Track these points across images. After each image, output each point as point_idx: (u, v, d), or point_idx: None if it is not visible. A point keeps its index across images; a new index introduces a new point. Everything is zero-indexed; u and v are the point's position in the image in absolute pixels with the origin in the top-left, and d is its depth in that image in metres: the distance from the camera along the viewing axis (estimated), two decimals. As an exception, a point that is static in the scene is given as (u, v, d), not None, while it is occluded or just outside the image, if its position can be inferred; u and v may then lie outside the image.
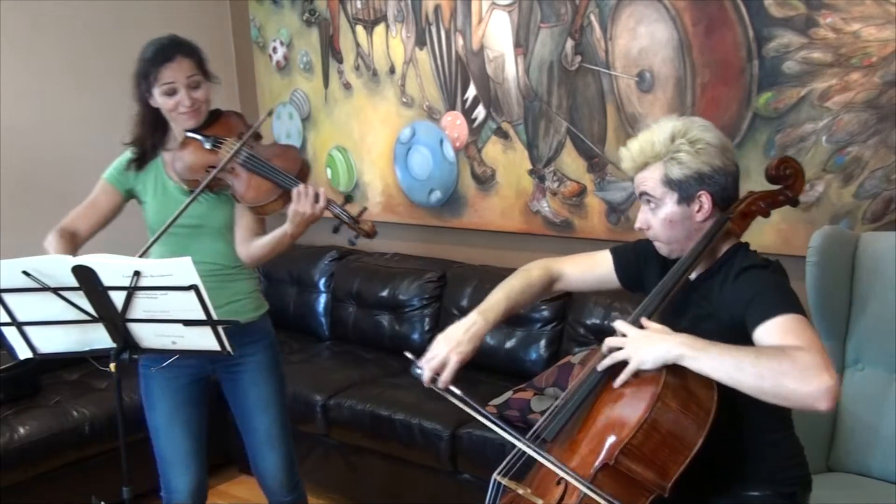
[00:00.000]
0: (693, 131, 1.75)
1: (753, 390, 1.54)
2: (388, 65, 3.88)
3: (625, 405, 1.67)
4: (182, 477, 2.45)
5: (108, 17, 3.95)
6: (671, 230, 1.80)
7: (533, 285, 2.00)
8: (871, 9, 2.63)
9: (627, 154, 1.82)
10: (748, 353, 1.57)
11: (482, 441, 2.90)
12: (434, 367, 1.85)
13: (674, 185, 1.75)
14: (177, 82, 2.27)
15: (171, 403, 2.42)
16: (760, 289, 1.67)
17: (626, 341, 1.68)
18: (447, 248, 3.89)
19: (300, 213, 2.24)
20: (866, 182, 2.75)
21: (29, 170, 3.74)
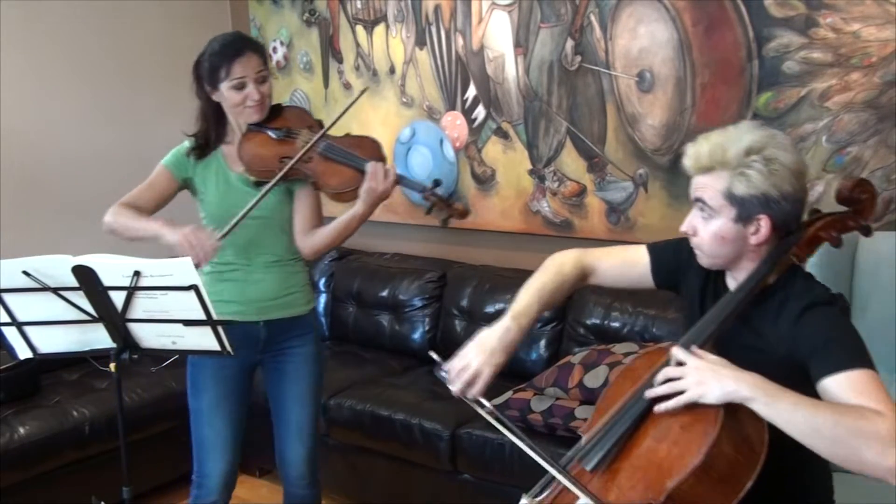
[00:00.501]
0: (770, 148, 1.59)
1: (824, 451, 1.44)
2: (388, 65, 3.88)
3: (675, 443, 1.54)
4: (217, 463, 2.49)
5: (108, 17, 3.95)
6: (719, 246, 1.66)
7: (566, 283, 1.86)
8: (871, 9, 2.64)
9: (694, 152, 1.65)
10: (825, 413, 1.44)
11: (482, 441, 2.90)
12: (466, 380, 1.71)
13: (735, 201, 1.60)
14: (246, 76, 2.33)
15: (217, 392, 2.45)
16: (831, 334, 1.54)
17: (687, 370, 1.54)
18: (447, 248, 3.89)
19: (373, 189, 2.32)
20: (866, 182, 2.74)
21: (29, 170, 3.74)
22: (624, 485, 1.57)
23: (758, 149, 1.59)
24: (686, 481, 1.48)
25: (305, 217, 2.46)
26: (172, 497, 3.46)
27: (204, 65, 2.37)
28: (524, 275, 3.59)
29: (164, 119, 4.10)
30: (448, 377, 1.74)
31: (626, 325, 3.09)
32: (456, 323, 3.55)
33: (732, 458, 1.50)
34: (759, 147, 1.59)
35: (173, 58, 4.14)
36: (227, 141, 2.45)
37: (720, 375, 1.50)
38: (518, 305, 1.79)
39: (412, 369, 3.54)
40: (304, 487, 2.60)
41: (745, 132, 1.61)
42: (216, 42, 2.38)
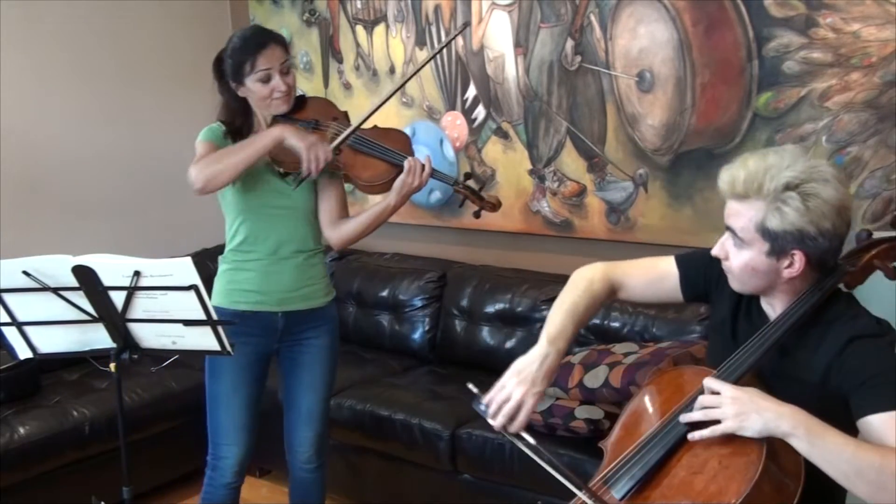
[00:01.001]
0: (811, 184, 1.50)
1: (864, 495, 1.39)
2: (388, 65, 3.88)
3: (713, 479, 1.47)
4: (232, 447, 2.52)
5: (108, 17, 3.95)
6: (750, 276, 1.60)
7: (597, 301, 1.79)
8: (871, 9, 2.64)
9: (730, 177, 1.56)
10: (871, 455, 1.39)
11: (482, 441, 2.90)
12: (509, 412, 1.62)
13: (768, 236, 1.53)
14: (272, 68, 2.35)
15: (236, 377, 2.48)
16: (875, 370, 1.48)
17: (725, 400, 1.48)
18: (447, 248, 3.89)
19: (409, 183, 2.38)
20: (866, 182, 2.75)
21: (29, 170, 3.74)
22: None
23: (796, 184, 1.51)
24: None
25: (333, 208, 2.51)
26: (172, 497, 3.46)
27: (227, 61, 2.39)
28: (524, 275, 3.62)
29: (164, 119, 4.11)
30: (488, 412, 1.64)
31: (626, 325, 3.09)
32: (456, 323, 3.55)
33: (770, 497, 1.45)
34: (799, 182, 1.51)
35: (173, 58, 4.15)
36: (255, 132, 2.47)
37: (760, 408, 1.46)
38: (553, 328, 1.72)
39: (412, 369, 3.54)
40: (310, 472, 2.64)
41: (788, 162, 1.53)
42: (237, 37, 2.40)
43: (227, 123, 2.45)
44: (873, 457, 1.39)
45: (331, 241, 2.53)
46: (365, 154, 2.42)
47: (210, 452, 2.56)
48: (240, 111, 2.44)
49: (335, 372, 2.64)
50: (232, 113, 2.45)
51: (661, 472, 1.54)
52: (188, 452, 3.31)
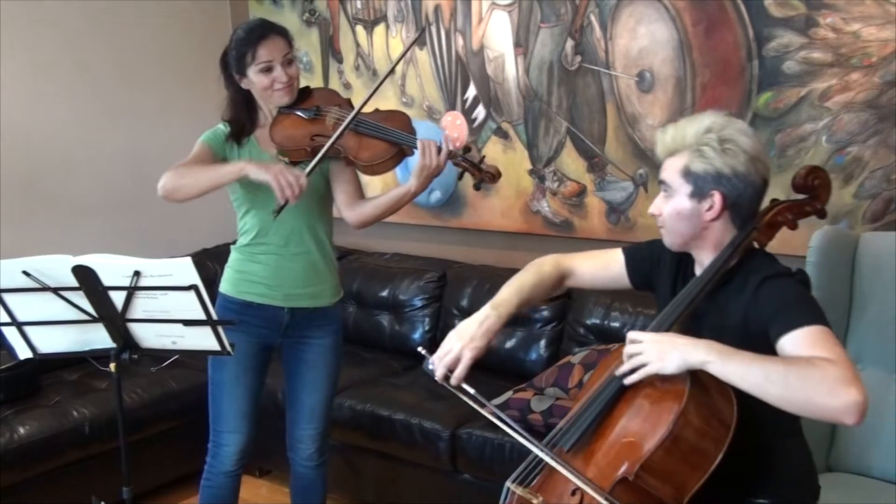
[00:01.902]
0: (728, 130, 1.70)
1: (779, 401, 1.51)
2: (387, 65, 3.88)
3: (645, 418, 1.62)
4: (233, 434, 2.53)
5: (108, 16, 3.95)
6: (678, 222, 1.76)
7: (544, 281, 1.96)
8: (871, 9, 2.64)
9: (661, 137, 1.77)
10: (776, 363, 1.53)
11: (482, 441, 2.90)
12: (448, 363, 1.80)
13: (690, 178, 1.71)
14: (273, 59, 2.37)
15: (239, 366, 2.48)
16: (784, 299, 1.63)
17: (645, 346, 1.63)
18: (447, 248, 3.89)
19: (427, 166, 2.35)
20: (866, 182, 2.75)
21: (29, 169, 3.74)
22: (601, 462, 1.65)
23: (717, 129, 1.70)
24: (656, 453, 1.56)
25: (348, 191, 2.51)
26: (172, 497, 3.46)
27: (231, 53, 2.41)
28: (524, 275, 3.59)
29: (164, 119, 4.11)
30: (433, 368, 1.82)
31: (626, 325, 3.08)
32: (456, 323, 3.50)
33: (701, 430, 1.57)
34: (718, 128, 1.70)
35: (173, 58, 4.15)
36: (260, 125, 2.47)
37: (676, 343, 1.60)
38: (498, 297, 1.90)
39: (412, 369, 3.54)
40: (311, 469, 2.65)
41: (707, 116, 1.73)
42: (241, 29, 2.42)
43: (232, 122, 2.46)
44: (779, 364, 1.53)
45: (350, 222, 2.52)
46: (364, 135, 2.42)
47: (211, 440, 2.57)
48: (243, 105, 2.45)
49: (339, 372, 2.65)
50: (236, 108, 2.46)
51: (605, 426, 1.69)
52: (188, 452, 3.30)
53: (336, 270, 2.60)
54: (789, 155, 2.87)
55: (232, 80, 2.43)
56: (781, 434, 1.75)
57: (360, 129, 2.41)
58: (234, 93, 2.45)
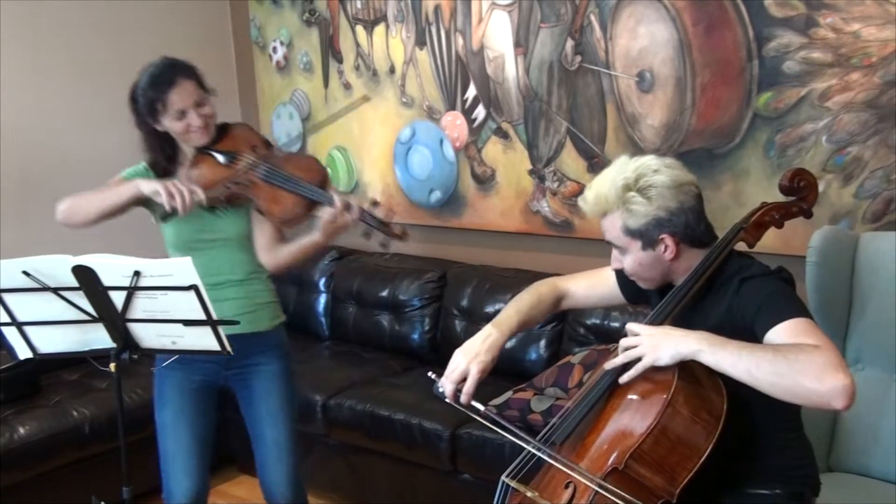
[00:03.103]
0: (644, 178, 1.75)
1: (770, 388, 1.54)
2: (388, 65, 3.88)
3: (635, 410, 1.66)
4: (182, 479, 2.43)
5: (108, 16, 3.95)
6: (644, 271, 1.82)
7: (542, 302, 2.03)
8: (871, 9, 2.64)
9: (585, 205, 1.83)
10: (766, 350, 1.57)
11: (482, 441, 2.90)
12: (455, 378, 1.85)
13: (635, 234, 1.77)
14: (186, 105, 2.28)
15: (180, 403, 2.43)
16: (765, 297, 1.67)
17: (641, 339, 1.67)
18: (447, 248, 3.89)
19: (332, 224, 2.28)
20: (866, 182, 2.75)
21: (29, 169, 3.74)
22: (593, 455, 1.68)
23: (633, 183, 1.74)
24: (645, 442, 1.59)
25: (266, 233, 2.43)
26: (172, 497, 3.46)
27: (139, 99, 2.31)
28: (524, 275, 3.63)
29: (164, 119, 4.10)
30: (443, 390, 1.86)
31: (625, 326, 3.08)
32: (456, 323, 3.55)
33: (690, 420, 1.61)
34: (634, 180, 1.75)
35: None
36: (181, 162, 2.39)
37: (670, 336, 1.64)
38: (499, 317, 1.97)
39: (412, 369, 3.54)
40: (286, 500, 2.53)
41: (619, 169, 1.78)
42: (146, 74, 2.31)
43: (152, 166, 2.39)
44: (768, 351, 1.57)
45: (266, 266, 2.45)
46: (276, 187, 2.31)
47: (163, 488, 2.48)
48: (159, 146, 2.37)
49: (293, 400, 2.54)
50: (153, 150, 2.37)
51: (597, 420, 1.73)
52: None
53: (272, 292, 2.51)
54: (789, 155, 2.87)
55: (144, 122, 2.33)
56: (781, 428, 1.77)
57: (272, 181, 2.31)
58: (148, 134, 2.36)
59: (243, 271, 2.42)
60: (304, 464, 3.42)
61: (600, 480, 1.61)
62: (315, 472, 3.43)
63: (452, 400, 1.85)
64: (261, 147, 2.41)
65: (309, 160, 2.47)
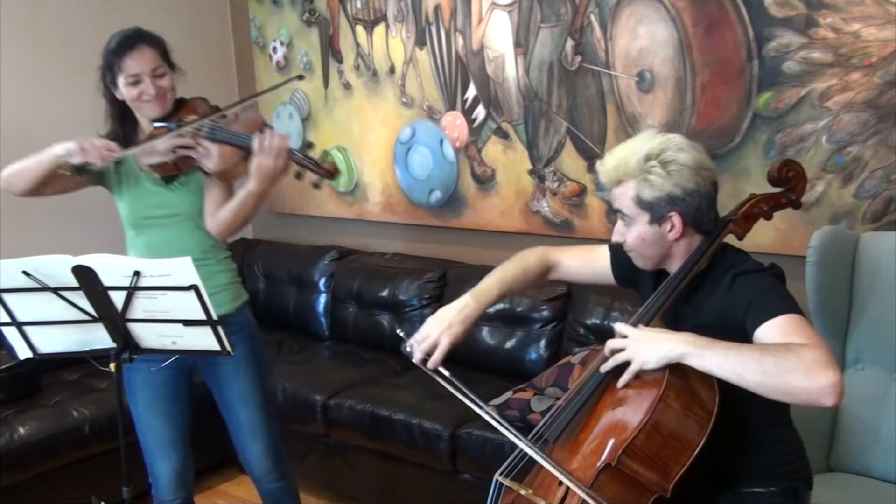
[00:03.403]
0: (668, 152, 1.73)
1: (758, 387, 1.54)
2: (388, 65, 3.88)
3: (627, 406, 1.66)
4: (164, 464, 2.47)
5: (108, 16, 3.94)
6: (645, 247, 1.81)
7: (528, 273, 2.00)
8: (871, 9, 2.63)
9: (603, 169, 1.81)
10: (753, 351, 1.57)
11: (482, 441, 2.90)
12: (425, 348, 1.87)
13: (645, 206, 1.75)
14: (142, 72, 2.28)
15: (151, 395, 2.43)
16: (757, 292, 1.68)
17: (628, 342, 1.68)
18: (447, 248, 3.89)
19: (263, 164, 2.22)
20: (866, 182, 2.74)
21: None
22: (585, 451, 1.68)
23: (656, 154, 1.73)
24: (637, 437, 1.60)
25: (213, 199, 2.39)
26: (172, 497, 3.46)
27: (103, 63, 2.32)
28: (524, 275, 3.58)
29: (164, 119, 4.10)
30: (412, 351, 1.88)
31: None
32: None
33: (681, 415, 1.61)
34: (657, 152, 1.73)
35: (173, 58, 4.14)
36: (139, 141, 2.38)
37: (655, 339, 1.65)
38: (479, 286, 1.94)
39: (412, 369, 3.50)
40: (273, 482, 2.58)
41: (643, 141, 1.76)
42: (113, 38, 2.34)
43: (110, 136, 2.36)
44: (755, 351, 1.57)
45: (211, 231, 2.41)
46: (220, 142, 2.28)
47: (148, 472, 2.51)
48: (119, 117, 2.36)
49: (264, 378, 2.54)
50: (113, 119, 2.37)
51: (589, 416, 1.73)
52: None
53: (232, 273, 2.50)
54: (789, 155, 2.86)
55: (106, 87, 2.34)
56: (770, 423, 1.78)
57: (213, 137, 2.28)
58: (110, 103, 2.36)
59: (200, 250, 2.38)
60: (304, 464, 3.44)
61: (587, 490, 1.61)
62: (315, 472, 3.43)
63: (420, 364, 1.88)
64: (209, 112, 2.38)
65: (254, 115, 2.45)
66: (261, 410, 2.52)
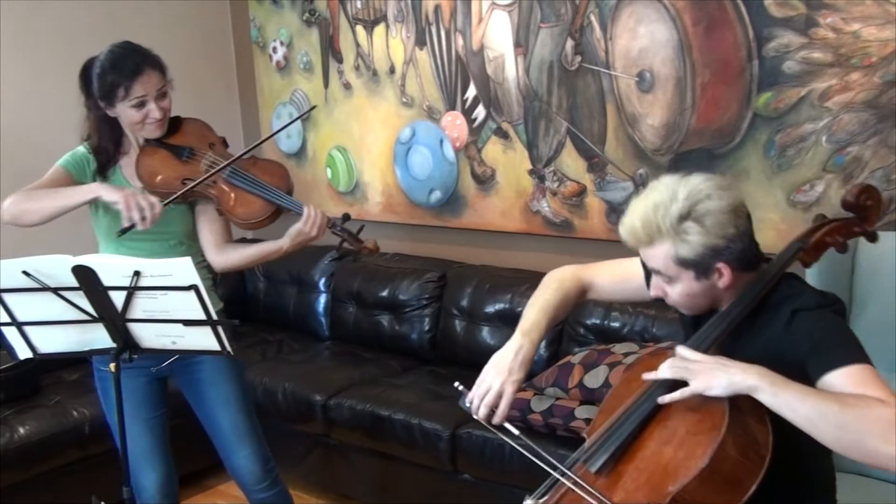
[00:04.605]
0: (699, 206, 1.59)
1: (830, 438, 1.44)
2: (388, 65, 3.88)
3: (680, 444, 1.54)
4: (148, 474, 2.41)
5: (107, 16, 3.94)
6: (692, 301, 1.68)
7: (569, 298, 1.89)
8: (871, 9, 2.64)
9: (629, 231, 1.65)
10: (831, 401, 1.44)
11: (482, 441, 2.90)
12: (490, 402, 1.72)
13: (689, 264, 1.61)
14: (147, 95, 2.25)
15: (130, 403, 2.32)
16: (822, 335, 1.55)
17: (693, 364, 1.54)
18: (447, 248, 3.89)
19: (305, 233, 2.25)
20: (866, 182, 2.75)
21: (29, 169, 3.72)
22: (629, 487, 1.57)
23: (686, 213, 1.59)
24: (690, 484, 1.48)
25: (216, 231, 2.39)
26: (172, 497, 3.46)
27: (97, 81, 2.26)
28: (524, 275, 3.62)
29: (164, 119, 4.10)
30: (472, 406, 1.74)
31: (626, 325, 3.09)
32: (456, 323, 3.55)
33: (737, 461, 1.49)
34: (688, 211, 1.59)
35: (173, 58, 4.08)
36: (124, 152, 2.35)
37: (727, 367, 1.51)
38: (526, 323, 1.82)
39: (412, 369, 3.54)
40: (265, 490, 2.50)
41: (669, 195, 1.60)
42: (108, 58, 2.26)
43: (97, 151, 2.34)
44: (832, 402, 1.44)
45: (214, 265, 2.41)
46: (240, 189, 2.28)
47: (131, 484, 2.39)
48: (108, 132, 2.32)
49: (243, 385, 2.49)
50: (101, 135, 2.33)
51: (634, 447, 1.60)
52: (188, 452, 3.28)
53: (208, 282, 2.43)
54: (789, 155, 2.87)
55: (96, 105, 2.29)
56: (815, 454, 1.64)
57: (235, 181, 2.28)
58: (97, 118, 2.30)
59: None
60: (304, 464, 3.44)
61: None
62: (315, 472, 3.43)
63: (485, 421, 1.72)
64: (218, 145, 2.38)
65: (276, 166, 2.43)
66: (244, 414, 2.46)
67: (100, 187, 2.22)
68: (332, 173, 4.22)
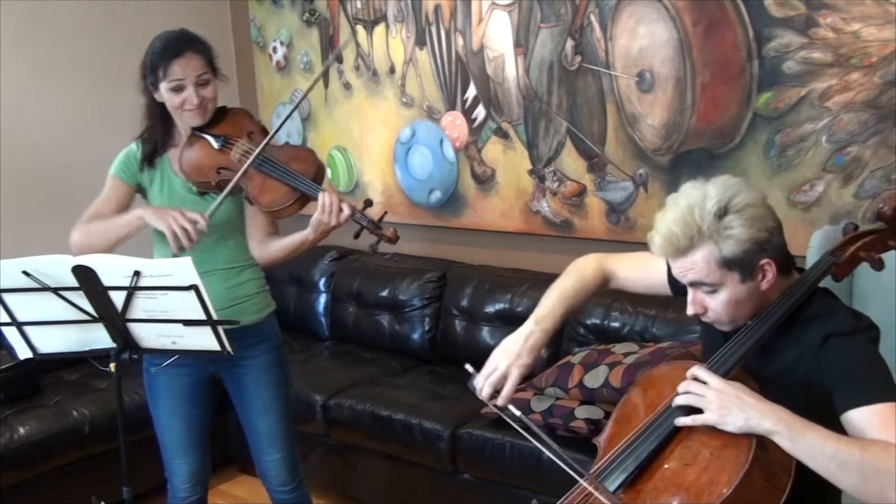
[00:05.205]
0: (735, 199, 1.54)
1: (849, 487, 1.41)
2: (388, 65, 3.87)
3: (704, 469, 1.49)
4: (182, 465, 2.49)
5: (107, 16, 3.95)
6: (737, 310, 1.60)
7: (587, 286, 1.85)
8: (871, 9, 2.64)
9: (665, 239, 1.57)
10: (852, 448, 1.41)
11: (482, 441, 2.90)
12: (494, 381, 1.72)
13: (734, 264, 1.54)
14: (185, 79, 2.24)
15: (172, 400, 2.43)
16: (852, 365, 1.50)
17: (709, 391, 1.50)
18: (447, 248, 3.89)
19: (324, 222, 2.24)
20: (866, 182, 2.75)
21: (29, 169, 3.74)
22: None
23: (725, 207, 1.54)
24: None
25: (259, 225, 2.42)
26: (172, 497, 3.46)
27: (146, 62, 2.28)
28: (524, 275, 3.62)
29: (164, 119, 4.10)
30: (477, 385, 1.74)
31: (626, 325, 3.09)
32: (456, 323, 3.55)
33: (761, 488, 1.47)
34: (726, 205, 1.54)
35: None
36: (174, 144, 2.37)
37: (744, 404, 1.47)
38: (541, 310, 1.80)
39: (412, 369, 3.54)
40: (289, 492, 2.55)
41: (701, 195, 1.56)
42: (159, 39, 2.28)
43: (147, 136, 2.35)
44: (854, 450, 1.40)
45: (257, 260, 2.43)
46: (267, 175, 2.27)
47: (165, 469, 2.53)
48: (160, 118, 2.33)
49: (287, 390, 2.52)
50: (153, 119, 2.34)
51: (653, 465, 1.56)
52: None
53: (260, 281, 2.47)
54: (789, 155, 2.87)
55: (146, 87, 2.31)
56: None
57: (263, 169, 2.27)
58: (150, 102, 2.33)
59: (226, 260, 2.39)
60: (304, 464, 3.43)
61: None
62: (315, 472, 3.42)
63: (488, 401, 1.73)
64: (257, 134, 2.37)
65: (305, 152, 2.42)
66: (282, 421, 2.50)
67: (144, 213, 2.25)
68: (333, 173, 4.22)
